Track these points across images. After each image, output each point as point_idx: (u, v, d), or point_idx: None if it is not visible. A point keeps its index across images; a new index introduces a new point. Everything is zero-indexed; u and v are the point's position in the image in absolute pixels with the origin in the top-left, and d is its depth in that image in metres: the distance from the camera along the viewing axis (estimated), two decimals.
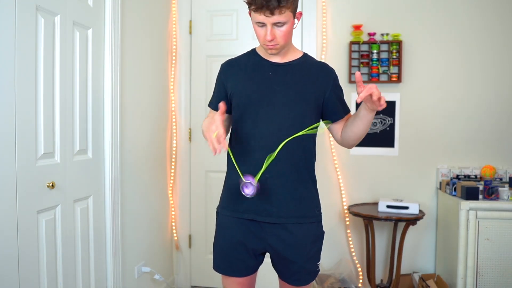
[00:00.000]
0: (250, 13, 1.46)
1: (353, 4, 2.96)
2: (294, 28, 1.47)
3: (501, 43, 2.83)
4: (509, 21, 2.81)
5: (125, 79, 2.39)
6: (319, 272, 2.81)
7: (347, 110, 1.61)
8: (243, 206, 1.52)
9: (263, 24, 1.40)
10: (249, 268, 1.59)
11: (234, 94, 1.55)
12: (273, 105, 1.49)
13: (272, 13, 1.35)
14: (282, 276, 1.59)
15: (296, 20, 1.46)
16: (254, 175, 1.43)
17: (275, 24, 1.39)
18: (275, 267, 1.61)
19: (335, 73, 1.59)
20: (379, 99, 1.31)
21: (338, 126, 1.60)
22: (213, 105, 1.63)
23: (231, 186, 1.56)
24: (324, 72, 1.57)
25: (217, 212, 1.64)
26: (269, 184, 1.48)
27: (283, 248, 1.52)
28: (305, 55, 1.59)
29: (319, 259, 1.60)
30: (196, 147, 3.13)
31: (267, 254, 1.61)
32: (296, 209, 1.52)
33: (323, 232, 1.62)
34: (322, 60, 2.95)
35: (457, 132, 2.89)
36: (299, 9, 2.97)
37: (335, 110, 1.57)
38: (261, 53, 1.57)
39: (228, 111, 1.58)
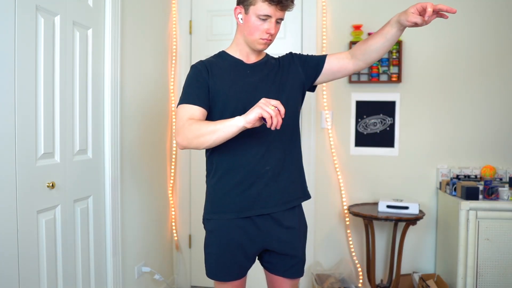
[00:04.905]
0: (236, 10, 1.53)
1: (353, 4, 2.96)
2: None
3: (501, 43, 2.82)
4: (509, 21, 2.81)
5: (125, 79, 2.39)
6: (319, 272, 2.83)
7: (323, 55, 1.68)
8: (252, 204, 1.51)
9: (266, 18, 1.46)
10: (245, 270, 1.61)
11: (219, 95, 1.51)
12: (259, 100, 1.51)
13: (283, 9, 1.46)
14: (279, 271, 1.59)
15: None
16: (254, 173, 1.51)
17: (277, 20, 1.49)
18: (269, 264, 1.61)
19: (291, 52, 1.69)
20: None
21: (336, 60, 1.64)
22: (198, 101, 1.48)
23: (228, 186, 1.54)
24: (285, 59, 1.65)
25: (207, 220, 1.60)
26: (270, 175, 1.53)
27: (283, 245, 1.56)
28: (267, 54, 1.68)
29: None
30: None
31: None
32: (296, 192, 1.61)
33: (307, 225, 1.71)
34: None
35: (457, 132, 2.89)
36: (298, 9, 2.98)
37: (316, 61, 1.65)
38: (235, 54, 1.60)
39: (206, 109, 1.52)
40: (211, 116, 1.53)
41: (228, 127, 1.33)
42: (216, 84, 1.51)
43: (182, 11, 3.09)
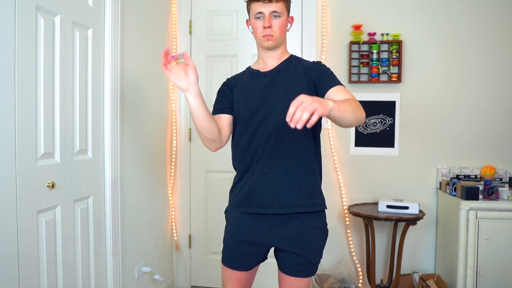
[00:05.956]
0: (248, 21, 1.65)
1: (353, 4, 2.96)
2: (288, 30, 1.64)
3: (500, 44, 2.83)
4: (508, 21, 2.81)
5: (125, 79, 2.39)
6: (319, 272, 2.83)
7: (334, 84, 1.54)
8: (247, 201, 1.61)
9: (260, 16, 1.55)
10: (250, 264, 1.65)
11: (235, 106, 1.65)
12: (265, 106, 1.58)
13: (271, 1, 1.53)
14: (283, 267, 1.62)
15: (288, 24, 1.63)
16: (253, 173, 1.58)
17: (272, 14, 1.55)
18: (277, 259, 1.65)
19: (318, 62, 1.64)
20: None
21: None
22: (217, 110, 1.68)
23: (237, 185, 1.66)
24: (308, 65, 1.63)
25: (226, 210, 1.72)
26: (268, 177, 1.57)
27: (288, 242, 1.57)
28: (291, 57, 1.67)
29: (321, 256, 1.64)
30: (196, 147, 3.13)
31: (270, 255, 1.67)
32: (297, 199, 1.57)
33: (327, 230, 1.67)
34: (322, 60, 2.96)
35: (457, 132, 2.89)
36: (298, 9, 2.98)
37: (322, 85, 1.56)
38: (256, 66, 1.69)
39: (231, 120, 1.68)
40: (234, 123, 1.67)
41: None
42: (235, 97, 1.66)
43: (182, 11, 3.09)
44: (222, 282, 1.72)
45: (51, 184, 1.77)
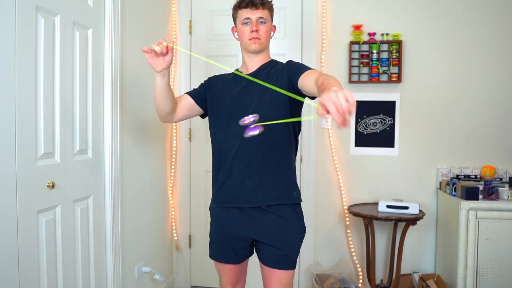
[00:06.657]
0: (233, 29, 1.78)
1: (353, 4, 2.96)
2: (271, 37, 1.76)
3: (500, 43, 2.83)
4: (508, 21, 2.81)
5: (125, 79, 2.39)
6: (319, 273, 2.83)
7: (303, 71, 1.59)
8: (226, 197, 1.71)
9: (248, 21, 1.68)
10: (237, 258, 1.74)
11: (212, 101, 1.77)
12: (242, 106, 1.68)
13: (257, 8, 1.67)
14: (263, 259, 1.69)
15: (272, 32, 1.76)
16: (231, 170, 1.67)
17: (259, 20, 1.68)
18: (258, 252, 1.73)
19: (288, 61, 1.74)
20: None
21: (305, 83, 1.53)
22: (191, 94, 1.82)
23: (216, 182, 1.76)
24: (280, 66, 1.73)
25: (210, 207, 1.83)
26: (245, 173, 1.67)
27: (266, 235, 1.65)
28: (270, 61, 1.78)
29: (298, 251, 1.71)
30: (196, 147, 3.13)
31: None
32: (273, 192, 1.66)
33: (305, 227, 1.75)
34: (322, 60, 2.96)
35: (457, 132, 2.89)
36: (298, 9, 2.98)
37: (294, 78, 1.62)
38: (241, 69, 1.81)
39: (201, 109, 1.83)
40: (210, 116, 1.79)
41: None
42: (213, 93, 1.78)
43: (182, 11, 3.09)
44: (218, 274, 1.84)
45: (51, 184, 1.77)
